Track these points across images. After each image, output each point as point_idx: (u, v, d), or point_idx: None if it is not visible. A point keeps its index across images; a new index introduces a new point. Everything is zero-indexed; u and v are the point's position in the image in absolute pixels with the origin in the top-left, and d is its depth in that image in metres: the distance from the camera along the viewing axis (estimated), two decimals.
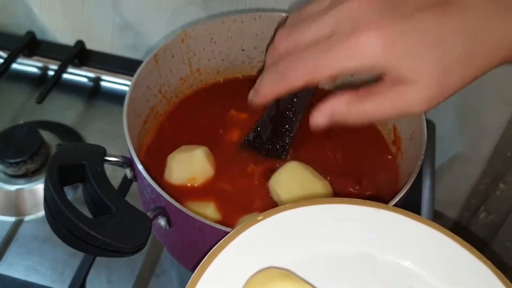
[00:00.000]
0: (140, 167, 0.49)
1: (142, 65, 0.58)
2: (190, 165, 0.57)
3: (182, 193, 0.55)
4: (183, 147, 0.58)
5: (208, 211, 0.54)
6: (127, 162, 0.52)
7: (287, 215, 0.42)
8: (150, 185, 0.48)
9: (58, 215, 0.43)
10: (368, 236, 0.43)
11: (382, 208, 0.43)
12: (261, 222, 0.41)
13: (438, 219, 0.76)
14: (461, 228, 0.95)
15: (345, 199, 0.44)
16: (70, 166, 0.46)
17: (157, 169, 0.57)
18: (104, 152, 0.49)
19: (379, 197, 0.54)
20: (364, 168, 0.60)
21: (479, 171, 0.84)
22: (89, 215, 0.45)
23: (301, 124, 0.59)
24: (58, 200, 0.43)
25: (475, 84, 0.73)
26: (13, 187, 0.69)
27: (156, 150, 0.60)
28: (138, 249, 0.44)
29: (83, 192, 0.48)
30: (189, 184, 0.56)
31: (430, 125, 0.78)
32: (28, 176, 0.70)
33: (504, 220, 0.88)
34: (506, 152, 0.82)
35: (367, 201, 0.44)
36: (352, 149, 0.61)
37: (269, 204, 0.55)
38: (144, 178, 0.48)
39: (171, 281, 0.63)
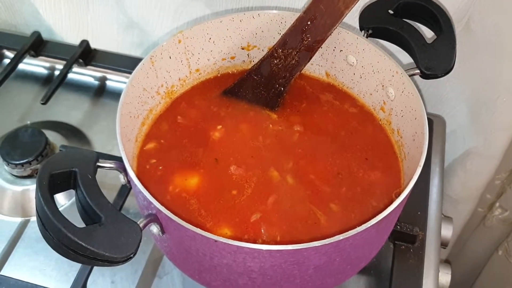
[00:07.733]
0: (131, 173, 0.48)
1: (137, 68, 0.57)
2: None
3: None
4: None
5: None
6: (121, 167, 0.50)
7: None
8: (141, 192, 0.47)
9: (47, 224, 0.42)
10: None
11: None
12: None
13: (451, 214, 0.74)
14: (475, 225, 0.93)
15: None
16: (60, 174, 0.46)
17: (156, 171, 0.57)
18: (96, 158, 0.48)
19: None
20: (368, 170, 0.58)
21: (493, 167, 0.81)
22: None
23: None
24: (46, 209, 0.42)
25: (488, 79, 0.71)
26: (19, 188, 0.70)
27: (155, 152, 0.59)
28: (128, 258, 0.43)
29: (75, 199, 0.47)
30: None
31: (440, 121, 0.76)
32: (34, 176, 0.70)
33: None
34: None
35: None
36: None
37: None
38: (135, 185, 0.48)
39: (174, 282, 0.63)
